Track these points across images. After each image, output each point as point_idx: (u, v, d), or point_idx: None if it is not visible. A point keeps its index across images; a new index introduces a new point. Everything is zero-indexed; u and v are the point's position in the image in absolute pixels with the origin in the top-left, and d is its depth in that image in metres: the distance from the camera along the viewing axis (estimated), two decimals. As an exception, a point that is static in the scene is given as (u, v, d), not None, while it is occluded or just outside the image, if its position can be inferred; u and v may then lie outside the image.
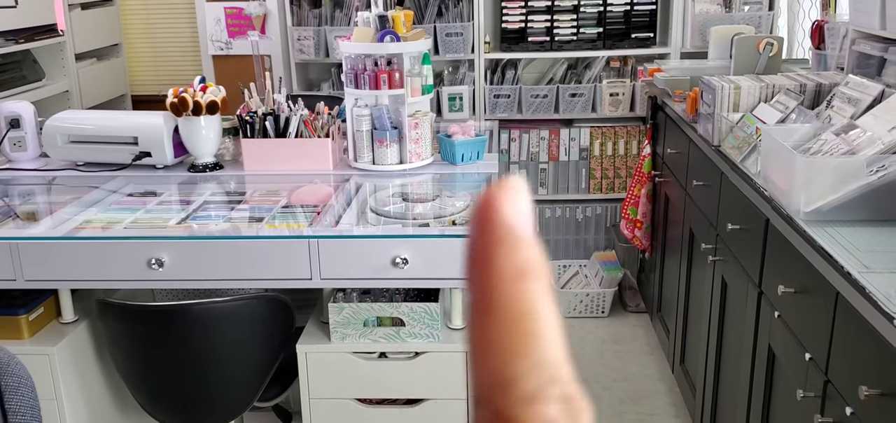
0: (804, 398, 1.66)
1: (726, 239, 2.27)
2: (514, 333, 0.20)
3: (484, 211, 0.21)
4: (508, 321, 0.20)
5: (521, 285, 0.20)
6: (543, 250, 0.22)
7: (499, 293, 0.20)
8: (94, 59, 4.22)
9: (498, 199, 0.21)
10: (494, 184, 0.22)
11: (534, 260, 0.21)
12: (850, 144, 1.82)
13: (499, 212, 0.21)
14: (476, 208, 0.21)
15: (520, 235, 0.21)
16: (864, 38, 2.33)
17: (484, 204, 0.21)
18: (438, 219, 2.08)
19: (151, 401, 2.08)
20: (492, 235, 0.21)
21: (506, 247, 0.20)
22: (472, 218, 0.21)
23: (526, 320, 0.20)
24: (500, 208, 0.21)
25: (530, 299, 0.20)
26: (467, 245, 0.21)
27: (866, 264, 1.52)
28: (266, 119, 2.41)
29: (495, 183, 0.22)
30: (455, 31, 3.81)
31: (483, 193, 0.22)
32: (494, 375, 0.20)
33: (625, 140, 3.93)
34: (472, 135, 2.45)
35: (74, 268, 1.99)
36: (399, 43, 2.28)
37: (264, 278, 1.98)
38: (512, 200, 0.21)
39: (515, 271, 0.20)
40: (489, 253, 0.20)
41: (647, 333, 3.59)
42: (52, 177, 2.53)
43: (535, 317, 0.20)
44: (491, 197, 0.21)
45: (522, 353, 0.20)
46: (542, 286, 0.21)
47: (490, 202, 0.21)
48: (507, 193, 0.21)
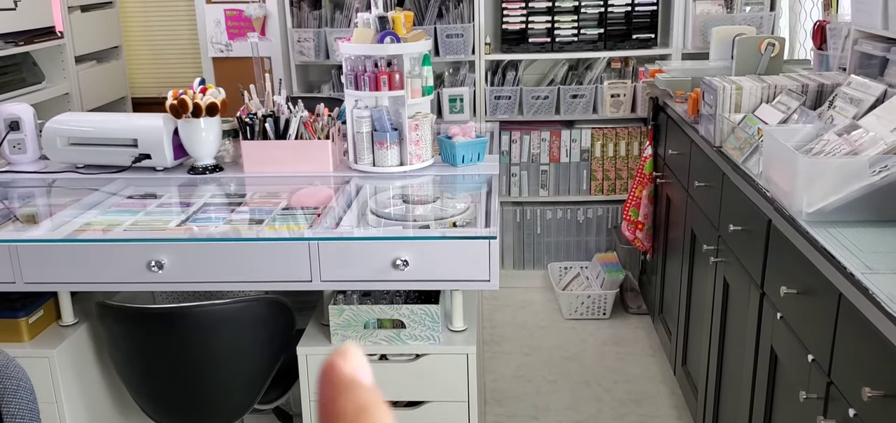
0: (807, 399, 1.65)
1: (728, 240, 2.27)
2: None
3: (327, 371, 0.25)
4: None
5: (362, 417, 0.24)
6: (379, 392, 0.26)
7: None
8: (94, 62, 4.21)
9: (337, 360, 0.25)
10: (333, 352, 0.26)
11: (371, 398, 0.25)
12: (852, 145, 1.81)
13: (338, 368, 0.25)
14: (321, 371, 0.25)
15: (357, 382, 0.25)
16: (867, 38, 2.32)
17: (326, 366, 0.25)
18: (439, 221, 2.07)
19: (151, 404, 2.07)
20: (335, 387, 0.25)
21: (347, 392, 0.24)
22: (318, 379, 0.25)
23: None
24: (339, 366, 0.25)
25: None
26: (318, 400, 0.25)
27: (869, 265, 1.51)
28: (266, 121, 2.40)
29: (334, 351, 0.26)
30: (455, 33, 3.80)
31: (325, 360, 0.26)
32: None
33: (626, 141, 3.92)
34: (473, 136, 2.45)
35: (74, 270, 1.99)
36: (399, 44, 2.27)
37: (264, 280, 1.97)
38: (348, 358, 0.25)
39: (356, 408, 0.24)
40: (334, 401, 0.24)
41: (649, 334, 3.58)
42: (51, 179, 2.52)
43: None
44: (331, 360, 0.25)
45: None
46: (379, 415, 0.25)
47: (331, 364, 0.25)
48: (344, 354, 0.25)
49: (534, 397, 3.13)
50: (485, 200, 2.21)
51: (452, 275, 1.91)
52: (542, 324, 3.73)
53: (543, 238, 4.12)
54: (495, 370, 3.32)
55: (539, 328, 3.69)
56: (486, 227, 1.99)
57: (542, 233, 4.11)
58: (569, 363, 3.37)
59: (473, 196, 2.26)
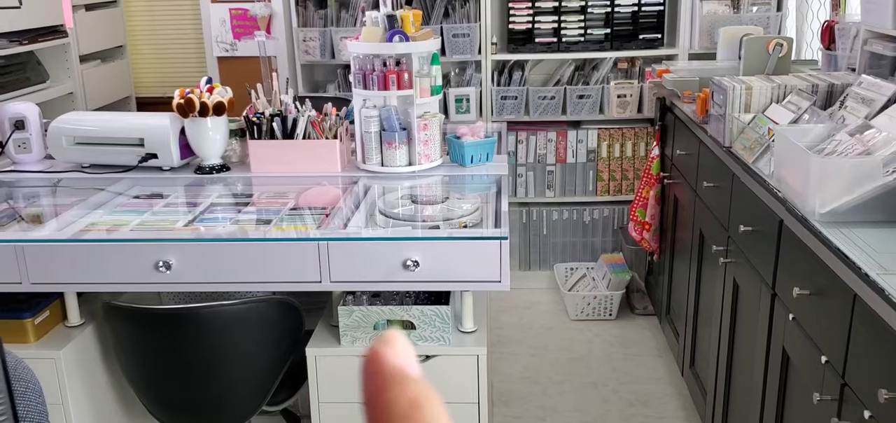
0: (820, 401, 1.64)
1: (738, 241, 2.25)
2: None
3: (372, 361, 0.23)
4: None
5: (415, 414, 0.22)
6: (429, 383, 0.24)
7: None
8: (99, 61, 4.20)
9: (382, 349, 0.24)
10: (377, 338, 0.24)
11: (423, 391, 0.23)
12: (865, 145, 1.80)
13: (385, 359, 0.23)
14: (364, 361, 0.23)
15: (406, 374, 0.23)
16: (877, 37, 2.31)
17: (371, 356, 0.24)
18: (448, 221, 2.06)
19: (158, 406, 2.06)
20: (382, 378, 0.23)
21: (396, 385, 0.23)
22: (362, 370, 0.23)
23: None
24: (385, 356, 0.23)
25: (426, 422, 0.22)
26: (363, 393, 0.23)
27: (884, 266, 1.49)
28: (273, 120, 2.39)
29: (377, 337, 0.25)
30: (462, 32, 3.79)
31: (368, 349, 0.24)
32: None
33: (632, 142, 3.91)
34: (482, 136, 2.43)
35: (80, 271, 1.98)
36: (408, 43, 2.26)
37: (273, 280, 1.96)
38: (395, 347, 0.24)
39: (408, 403, 0.22)
40: (382, 394, 0.23)
41: (656, 335, 3.56)
42: (57, 179, 2.51)
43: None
44: (375, 349, 0.24)
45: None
46: (434, 410, 0.23)
47: (376, 353, 0.24)
48: (390, 342, 0.24)
49: (540, 398, 3.11)
50: (494, 201, 2.20)
51: (463, 276, 1.89)
52: (548, 325, 3.72)
53: (549, 239, 4.11)
54: (502, 371, 3.31)
55: (545, 329, 3.68)
56: (496, 227, 1.98)
57: (548, 234, 4.10)
58: (575, 364, 3.36)
59: (482, 196, 2.25)
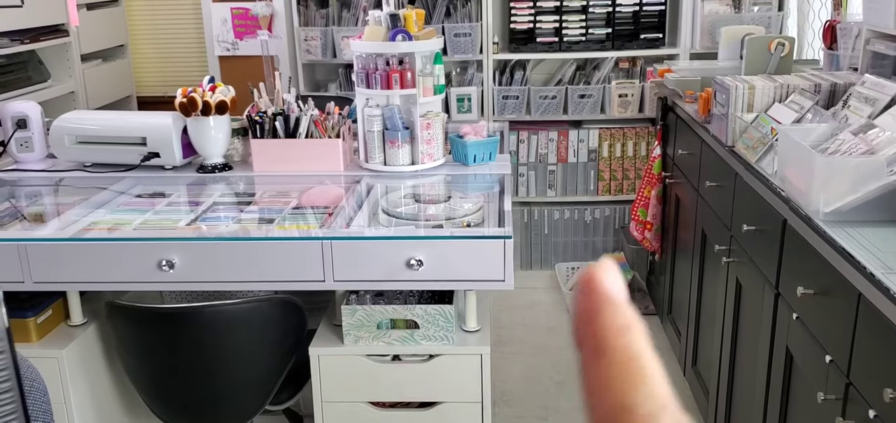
0: (825, 401, 1.64)
1: (741, 240, 2.25)
2: (627, 371, 0.24)
3: (589, 282, 0.26)
4: (620, 363, 0.24)
5: (626, 336, 0.25)
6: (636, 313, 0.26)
7: (608, 343, 0.24)
8: (100, 61, 4.20)
9: (598, 273, 0.26)
10: (594, 264, 0.26)
11: (633, 318, 0.25)
12: (869, 144, 1.80)
13: (601, 282, 0.26)
14: (581, 280, 0.26)
15: (619, 300, 0.26)
16: (879, 37, 2.31)
17: (588, 277, 0.26)
18: (451, 220, 2.06)
19: (161, 405, 2.06)
20: (598, 299, 0.25)
21: (610, 308, 0.25)
22: (579, 288, 0.26)
23: (634, 362, 0.24)
24: (601, 280, 0.26)
25: (635, 346, 0.25)
26: (576, 308, 0.26)
27: (889, 265, 1.49)
28: (276, 119, 2.39)
29: (594, 263, 0.27)
30: (463, 32, 3.79)
31: (586, 270, 0.26)
32: (614, 404, 0.23)
33: (633, 141, 3.91)
34: (484, 136, 2.43)
35: (83, 270, 1.97)
36: (411, 42, 2.26)
37: (276, 280, 1.96)
38: (609, 274, 0.26)
39: (619, 325, 0.25)
40: (597, 313, 0.25)
41: (657, 335, 3.56)
42: (59, 178, 2.51)
43: (641, 359, 0.24)
44: (593, 272, 0.26)
45: (636, 386, 0.24)
46: (642, 338, 0.25)
47: (592, 275, 0.26)
48: (605, 269, 0.26)
49: (542, 397, 3.11)
50: (497, 200, 2.20)
51: (467, 275, 1.89)
52: (549, 324, 3.72)
53: (551, 238, 4.11)
54: (504, 371, 3.31)
55: (547, 329, 3.67)
56: (499, 226, 1.98)
57: (549, 233, 4.10)
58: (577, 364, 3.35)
59: (485, 196, 2.25)
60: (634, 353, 0.24)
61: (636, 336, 0.25)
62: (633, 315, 0.26)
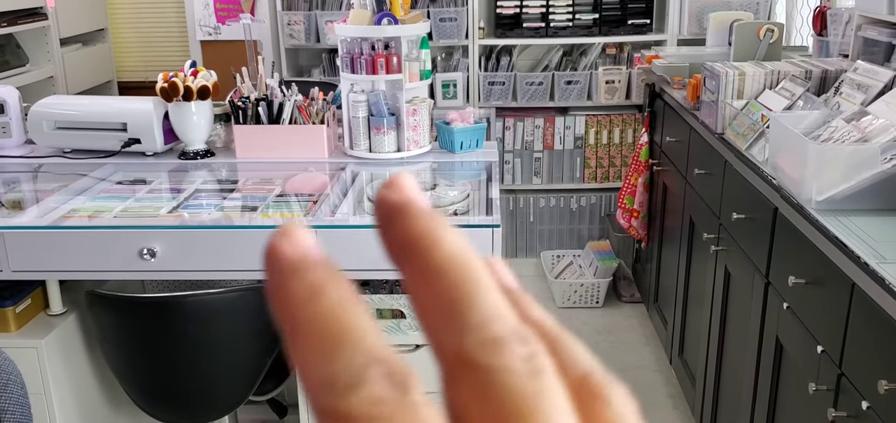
0: (816, 391, 1.63)
1: (730, 229, 2.23)
2: (319, 342, 0.20)
3: (270, 254, 0.22)
4: (312, 335, 0.21)
5: (315, 302, 0.21)
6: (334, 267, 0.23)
7: (298, 317, 0.21)
8: (80, 45, 4.12)
9: (280, 238, 0.22)
10: (274, 232, 0.23)
11: (324, 277, 0.22)
12: (862, 132, 1.78)
13: (282, 250, 0.22)
14: (264, 255, 0.22)
15: (306, 263, 0.22)
16: (871, 23, 2.29)
17: (269, 248, 0.22)
18: (437, 208, 2.02)
19: (143, 395, 2.02)
20: (280, 271, 0.22)
21: (294, 276, 0.21)
22: (264, 265, 0.22)
23: (327, 328, 0.21)
24: (282, 247, 0.22)
25: (327, 309, 0.21)
26: (267, 289, 0.22)
27: (882, 254, 1.48)
28: (259, 105, 2.34)
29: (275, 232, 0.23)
30: (449, 17, 3.75)
31: (271, 237, 0.23)
32: (314, 384, 0.20)
33: (620, 128, 3.89)
34: (471, 122, 2.40)
35: (62, 258, 1.93)
36: (397, 26, 2.22)
37: (259, 268, 1.92)
38: (294, 235, 0.22)
39: (307, 292, 0.21)
40: (281, 287, 0.21)
41: (643, 323, 3.55)
42: (38, 164, 2.45)
43: (337, 320, 0.21)
44: (273, 240, 0.22)
45: (332, 355, 0.20)
46: (337, 295, 0.21)
47: (273, 244, 0.22)
48: (289, 231, 0.23)
49: (529, 386, 3.09)
50: (484, 188, 2.17)
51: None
52: (535, 312, 3.70)
53: (536, 226, 4.09)
54: (489, 359, 3.29)
55: (533, 317, 3.65)
56: (486, 214, 1.95)
57: (535, 221, 4.08)
58: (563, 352, 3.34)
59: (472, 183, 2.22)
60: (326, 316, 0.21)
61: (328, 297, 0.21)
62: (324, 275, 0.22)
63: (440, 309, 0.22)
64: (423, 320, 0.22)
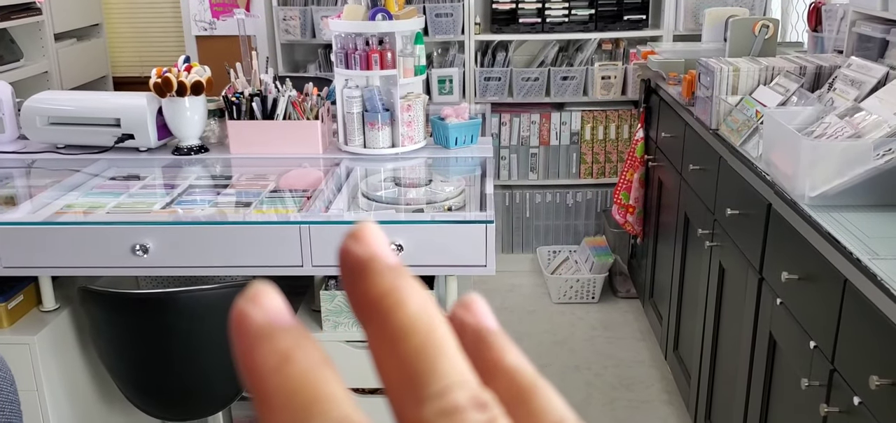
0: (809, 387, 1.62)
1: (724, 224, 2.23)
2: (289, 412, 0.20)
3: (237, 320, 0.21)
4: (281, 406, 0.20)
5: (284, 369, 0.20)
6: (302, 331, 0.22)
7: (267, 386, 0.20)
8: (74, 40, 4.11)
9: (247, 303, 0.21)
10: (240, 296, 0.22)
11: (293, 344, 0.21)
12: (855, 128, 1.78)
13: (250, 315, 0.21)
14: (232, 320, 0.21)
15: (274, 328, 0.21)
16: (865, 19, 2.29)
17: (236, 313, 0.21)
18: (432, 204, 2.02)
19: (136, 392, 2.01)
20: (248, 337, 0.21)
21: (262, 342, 0.21)
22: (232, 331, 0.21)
23: (297, 397, 0.20)
24: (250, 312, 0.21)
25: (296, 376, 0.20)
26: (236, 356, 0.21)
27: (875, 250, 1.48)
28: (252, 100, 2.34)
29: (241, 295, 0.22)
30: (445, 12, 3.74)
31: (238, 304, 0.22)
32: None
33: (616, 124, 3.89)
34: (466, 118, 2.39)
35: (55, 254, 1.92)
36: (391, 21, 2.21)
37: (253, 265, 1.92)
38: (262, 299, 0.21)
39: (276, 359, 0.20)
40: (249, 354, 0.21)
41: (639, 319, 3.56)
42: (31, 160, 2.45)
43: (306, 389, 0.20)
44: (240, 304, 0.21)
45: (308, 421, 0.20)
46: (306, 362, 0.21)
47: (240, 309, 0.21)
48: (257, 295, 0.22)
49: (524, 382, 3.09)
50: (479, 183, 2.17)
51: (448, 260, 1.86)
52: (530, 308, 3.70)
53: (532, 222, 4.08)
54: (485, 355, 3.28)
55: (527, 313, 3.66)
56: (481, 210, 1.94)
57: (531, 216, 4.08)
58: (558, 348, 3.34)
59: (467, 179, 2.21)
60: (295, 384, 0.20)
61: (297, 365, 0.20)
62: (293, 339, 0.21)
63: (402, 375, 0.21)
64: (385, 384, 0.22)
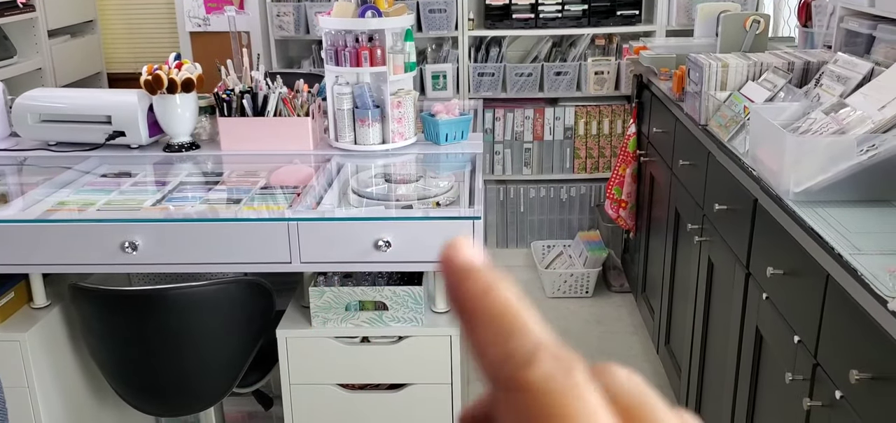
0: (793, 381, 1.64)
1: (713, 219, 2.24)
2: (496, 327, 0.25)
3: (446, 261, 0.27)
4: (489, 323, 0.26)
5: (490, 295, 0.26)
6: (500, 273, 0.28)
7: (476, 308, 0.26)
8: (68, 36, 4.12)
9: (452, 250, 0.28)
10: (449, 242, 0.28)
11: (494, 278, 0.27)
12: (840, 124, 1.79)
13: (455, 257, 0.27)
14: (442, 261, 0.28)
15: (476, 267, 0.27)
16: (853, 15, 2.30)
17: (444, 257, 0.27)
18: (422, 200, 2.03)
19: (127, 389, 2.03)
20: (456, 274, 0.27)
21: (468, 277, 0.27)
22: (441, 268, 0.27)
23: (503, 317, 0.26)
24: (455, 255, 0.27)
25: (501, 302, 0.26)
26: (445, 288, 0.27)
27: (857, 246, 1.49)
28: (243, 97, 2.34)
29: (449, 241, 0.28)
30: (438, 8, 3.75)
31: (443, 248, 0.28)
32: (493, 360, 0.25)
33: (610, 119, 3.89)
34: (457, 114, 2.40)
35: (46, 251, 1.93)
36: (381, 18, 2.22)
37: (243, 261, 1.93)
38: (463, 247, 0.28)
39: (482, 288, 0.26)
40: (458, 287, 0.27)
41: (632, 313, 3.57)
42: (22, 157, 2.45)
43: (509, 312, 0.26)
44: (446, 251, 0.27)
45: (507, 338, 0.25)
46: (506, 292, 0.26)
47: (447, 254, 0.27)
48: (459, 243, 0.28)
49: (517, 376, 3.11)
50: (469, 179, 2.18)
51: (435, 256, 1.87)
52: (524, 303, 3.71)
53: (527, 216, 4.09)
54: (478, 350, 3.30)
55: (522, 307, 3.67)
56: (469, 206, 1.95)
57: (525, 211, 4.09)
58: (552, 342, 3.35)
59: (457, 175, 2.22)
60: (500, 309, 0.26)
61: (498, 294, 0.26)
62: (494, 276, 0.27)
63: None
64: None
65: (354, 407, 2.03)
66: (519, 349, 0.25)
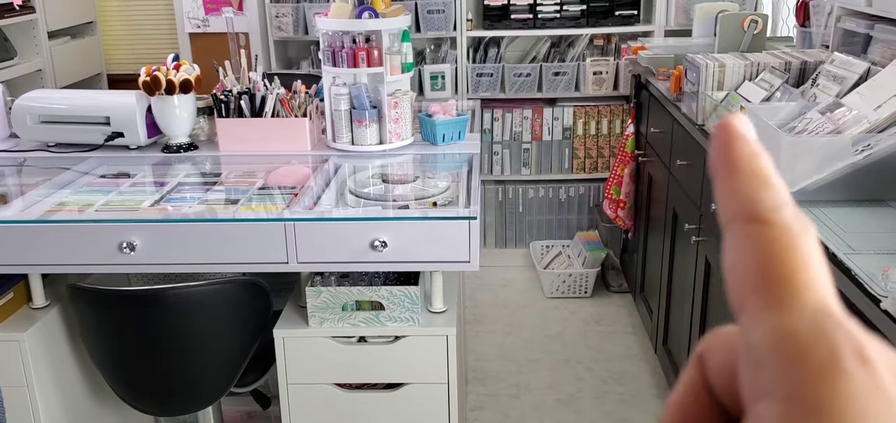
0: (788, 380, 1.64)
1: (710, 219, 2.25)
2: (755, 179, 0.29)
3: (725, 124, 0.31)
4: (751, 176, 0.29)
5: (756, 159, 0.30)
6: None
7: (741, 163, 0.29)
8: (68, 37, 4.13)
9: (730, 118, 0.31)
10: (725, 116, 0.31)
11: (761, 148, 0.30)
12: (835, 123, 1.79)
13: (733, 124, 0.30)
14: (719, 125, 0.31)
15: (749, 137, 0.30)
16: (850, 15, 2.30)
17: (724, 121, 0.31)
18: (419, 201, 2.04)
19: (126, 388, 2.03)
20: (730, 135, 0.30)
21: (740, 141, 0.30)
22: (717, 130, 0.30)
23: (761, 174, 0.29)
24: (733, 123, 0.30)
25: (762, 164, 0.29)
26: (715, 146, 0.31)
27: (851, 246, 1.49)
28: (241, 98, 2.35)
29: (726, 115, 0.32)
30: (437, 8, 3.75)
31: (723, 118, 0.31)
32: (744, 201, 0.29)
33: (608, 119, 3.90)
34: (454, 114, 2.41)
35: (45, 252, 1.94)
36: (378, 19, 2.22)
37: (240, 261, 1.93)
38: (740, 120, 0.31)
39: (750, 152, 0.30)
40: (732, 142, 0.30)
41: (630, 313, 3.57)
42: (22, 158, 2.46)
43: (769, 174, 0.29)
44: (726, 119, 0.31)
45: (763, 187, 0.29)
46: (768, 161, 0.30)
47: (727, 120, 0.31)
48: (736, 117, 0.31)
49: (515, 375, 3.12)
50: (466, 180, 2.18)
51: (432, 256, 1.88)
52: (523, 303, 3.72)
53: (525, 217, 4.10)
54: (477, 350, 3.31)
55: (520, 307, 3.68)
56: (466, 207, 1.96)
57: (524, 211, 4.09)
58: (550, 342, 3.36)
59: (454, 175, 2.23)
60: (762, 169, 0.29)
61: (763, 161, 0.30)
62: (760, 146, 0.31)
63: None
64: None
65: (351, 406, 2.03)
66: (771, 197, 0.29)
